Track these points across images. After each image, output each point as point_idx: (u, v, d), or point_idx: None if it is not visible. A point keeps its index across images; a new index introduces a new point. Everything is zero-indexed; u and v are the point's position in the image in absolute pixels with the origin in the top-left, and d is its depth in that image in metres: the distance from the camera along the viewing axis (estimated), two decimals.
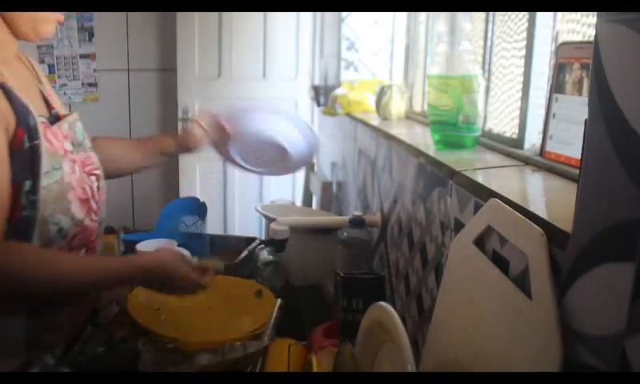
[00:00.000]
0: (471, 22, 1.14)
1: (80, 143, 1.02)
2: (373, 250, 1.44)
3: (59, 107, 1.04)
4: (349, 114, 1.95)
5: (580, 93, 0.83)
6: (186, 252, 1.34)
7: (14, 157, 0.85)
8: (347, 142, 2.00)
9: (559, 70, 0.87)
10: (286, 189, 3.22)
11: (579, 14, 0.90)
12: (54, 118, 0.99)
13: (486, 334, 0.66)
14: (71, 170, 0.94)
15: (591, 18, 0.86)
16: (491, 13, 1.18)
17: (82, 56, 3.02)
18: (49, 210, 0.89)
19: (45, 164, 0.88)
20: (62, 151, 0.94)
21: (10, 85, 0.87)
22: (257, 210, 1.59)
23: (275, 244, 1.39)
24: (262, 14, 3.00)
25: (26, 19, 0.90)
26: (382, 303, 0.80)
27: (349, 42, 2.30)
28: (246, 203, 3.00)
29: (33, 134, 0.88)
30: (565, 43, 0.89)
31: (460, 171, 0.89)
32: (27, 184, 0.86)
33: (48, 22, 0.93)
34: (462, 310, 0.73)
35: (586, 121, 0.52)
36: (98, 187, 1.03)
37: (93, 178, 1.02)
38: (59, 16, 0.94)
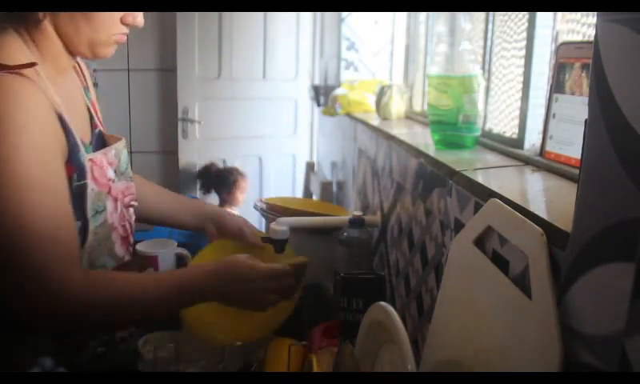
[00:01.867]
0: (471, 21, 1.15)
1: (123, 172, 0.98)
2: (373, 250, 1.44)
3: (100, 119, 1.02)
4: (349, 114, 1.95)
5: (580, 93, 0.83)
6: (186, 252, 1.35)
7: None
8: (347, 141, 2.00)
9: (559, 70, 0.87)
10: (286, 189, 3.23)
11: (579, 13, 0.90)
12: (97, 139, 0.97)
13: (485, 333, 0.66)
14: (114, 208, 0.92)
15: (591, 18, 0.86)
16: (491, 13, 1.18)
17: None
18: (95, 254, 0.88)
19: (90, 207, 0.86)
20: (107, 187, 0.91)
21: (64, 111, 0.84)
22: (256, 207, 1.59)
23: (275, 244, 1.39)
24: (262, 13, 3.01)
25: (83, 39, 0.86)
26: (382, 303, 0.80)
27: (349, 42, 2.31)
28: (246, 203, 3.00)
29: (81, 172, 0.86)
30: (565, 43, 0.89)
31: (460, 171, 0.89)
32: (77, 224, 0.84)
33: (107, 45, 0.89)
34: (462, 309, 0.73)
35: (586, 121, 0.52)
36: (135, 220, 1.01)
37: (131, 210, 1.00)
38: (120, 38, 0.89)
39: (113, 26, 0.87)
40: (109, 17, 0.86)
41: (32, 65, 0.79)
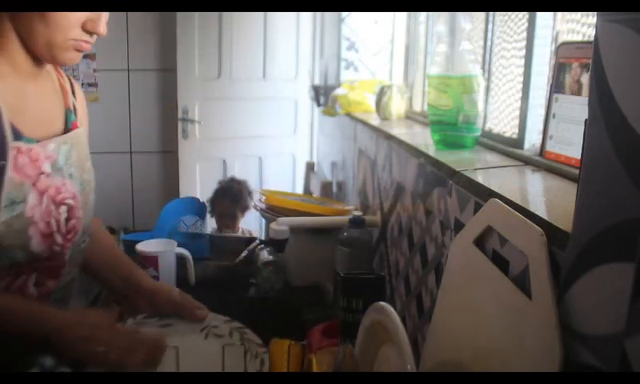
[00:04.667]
0: (471, 21, 1.14)
1: (60, 168, 0.93)
2: (373, 250, 1.44)
3: (84, 125, 1.00)
4: (349, 114, 1.95)
5: (580, 93, 0.83)
6: (186, 252, 1.35)
7: None
8: (347, 141, 2.00)
9: (559, 69, 0.87)
10: (286, 189, 3.22)
11: (579, 13, 0.90)
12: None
13: (485, 334, 0.66)
14: (37, 202, 0.88)
15: (591, 18, 0.86)
16: (491, 13, 1.18)
17: (82, 56, 3.01)
18: (4, 244, 0.84)
19: (5, 197, 0.83)
20: (32, 180, 0.87)
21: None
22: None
23: (275, 244, 1.39)
24: (262, 13, 3.01)
25: (39, 40, 0.84)
26: (382, 303, 0.80)
27: (349, 42, 2.31)
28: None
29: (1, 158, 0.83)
30: (565, 43, 0.89)
31: (460, 171, 0.89)
32: None
33: (65, 49, 0.87)
34: (462, 309, 0.73)
35: (585, 121, 0.52)
36: (68, 218, 0.95)
37: (63, 207, 0.94)
38: (81, 45, 0.87)
39: (70, 30, 0.85)
40: (65, 18, 0.84)
41: None
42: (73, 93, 1.03)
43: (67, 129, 0.97)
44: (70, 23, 0.85)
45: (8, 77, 0.87)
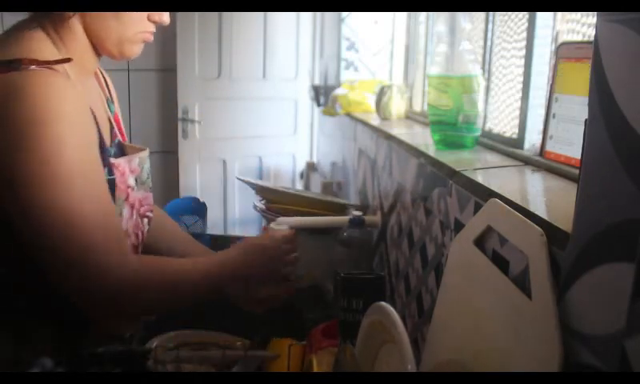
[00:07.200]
0: (471, 21, 1.14)
1: (143, 181, 0.98)
2: (373, 250, 1.44)
3: (122, 131, 1.01)
4: (349, 114, 1.95)
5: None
6: None
7: None
8: (347, 141, 2.00)
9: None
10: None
11: (579, 13, 0.90)
12: (116, 148, 0.96)
13: (485, 334, 0.66)
14: (129, 215, 0.92)
15: (591, 18, 0.86)
16: (491, 13, 1.18)
17: None
18: None
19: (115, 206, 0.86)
20: (125, 194, 0.91)
21: (93, 108, 0.84)
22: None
23: None
24: (262, 13, 3.00)
25: (112, 36, 0.85)
26: (382, 303, 0.80)
27: (349, 42, 2.31)
28: (246, 203, 3.00)
29: (110, 169, 0.86)
30: (565, 43, 0.89)
31: (460, 171, 0.89)
32: None
33: (134, 42, 0.88)
34: (462, 309, 0.73)
35: (586, 121, 0.52)
36: (148, 231, 1.00)
37: (145, 220, 0.99)
38: (147, 36, 0.89)
39: (140, 23, 0.87)
40: (137, 13, 0.85)
41: (68, 60, 0.79)
42: (105, 79, 1.04)
43: (112, 135, 0.97)
44: (141, 17, 0.86)
45: (81, 81, 0.87)
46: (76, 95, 0.79)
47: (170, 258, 0.95)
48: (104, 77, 1.03)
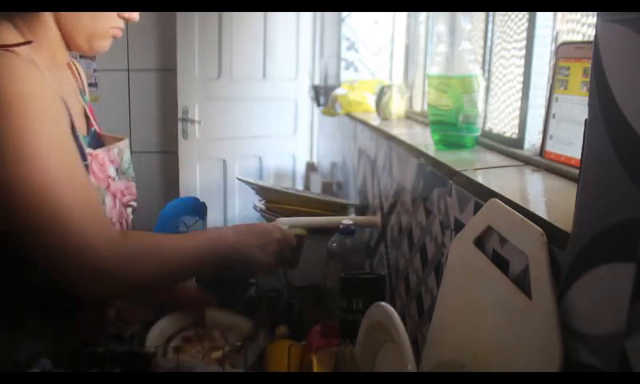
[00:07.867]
0: (471, 22, 1.14)
1: (124, 171, 0.97)
2: (373, 250, 1.44)
3: (96, 120, 1.01)
4: (349, 114, 1.95)
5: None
6: None
7: None
8: (347, 141, 2.00)
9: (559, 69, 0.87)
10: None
11: (579, 13, 0.90)
12: (92, 138, 0.96)
13: (485, 334, 0.66)
14: (112, 205, 0.91)
15: (591, 18, 0.86)
16: (491, 13, 1.18)
17: (82, 56, 3.02)
18: None
19: None
20: (105, 183, 0.90)
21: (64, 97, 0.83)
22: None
23: None
24: (262, 13, 3.00)
25: (82, 32, 0.86)
26: (382, 303, 0.80)
27: (349, 42, 2.31)
28: (246, 203, 3.00)
29: (83, 155, 0.85)
30: (565, 43, 0.89)
31: (460, 171, 0.89)
32: None
33: (104, 37, 0.89)
34: (462, 309, 0.73)
35: (586, 121, 0.52)
36: (132, 220, 1.00)
37: (129, 209, 0.98)
38: (116, 32, 0.90)
39: (111, 18, 0.88)
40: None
41: (29, 42, 0.78)
42: (77, 70, 1.04)
43: (88, 125, 0.97)
44: (112, 12, 0.87)
45: (51, 72, 0.87)
46: (41, 78, 0.78)
47: (158, 234, 0.93)
48: (76, 67, 1.03)
